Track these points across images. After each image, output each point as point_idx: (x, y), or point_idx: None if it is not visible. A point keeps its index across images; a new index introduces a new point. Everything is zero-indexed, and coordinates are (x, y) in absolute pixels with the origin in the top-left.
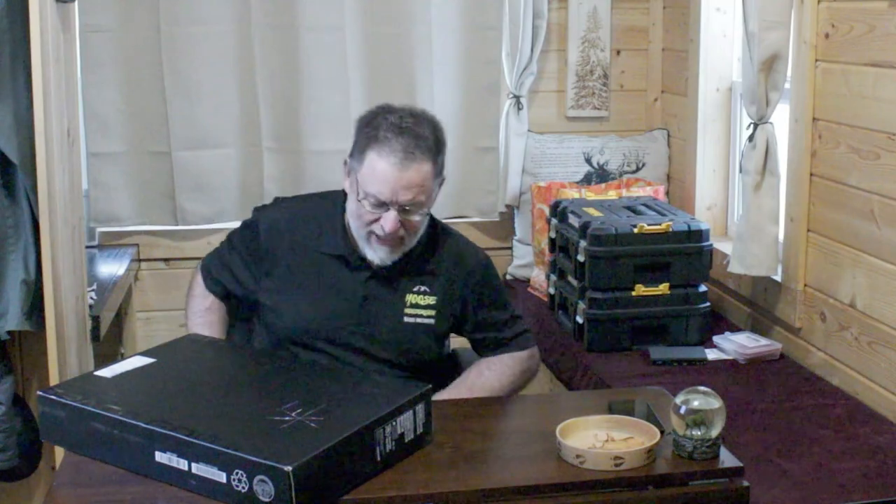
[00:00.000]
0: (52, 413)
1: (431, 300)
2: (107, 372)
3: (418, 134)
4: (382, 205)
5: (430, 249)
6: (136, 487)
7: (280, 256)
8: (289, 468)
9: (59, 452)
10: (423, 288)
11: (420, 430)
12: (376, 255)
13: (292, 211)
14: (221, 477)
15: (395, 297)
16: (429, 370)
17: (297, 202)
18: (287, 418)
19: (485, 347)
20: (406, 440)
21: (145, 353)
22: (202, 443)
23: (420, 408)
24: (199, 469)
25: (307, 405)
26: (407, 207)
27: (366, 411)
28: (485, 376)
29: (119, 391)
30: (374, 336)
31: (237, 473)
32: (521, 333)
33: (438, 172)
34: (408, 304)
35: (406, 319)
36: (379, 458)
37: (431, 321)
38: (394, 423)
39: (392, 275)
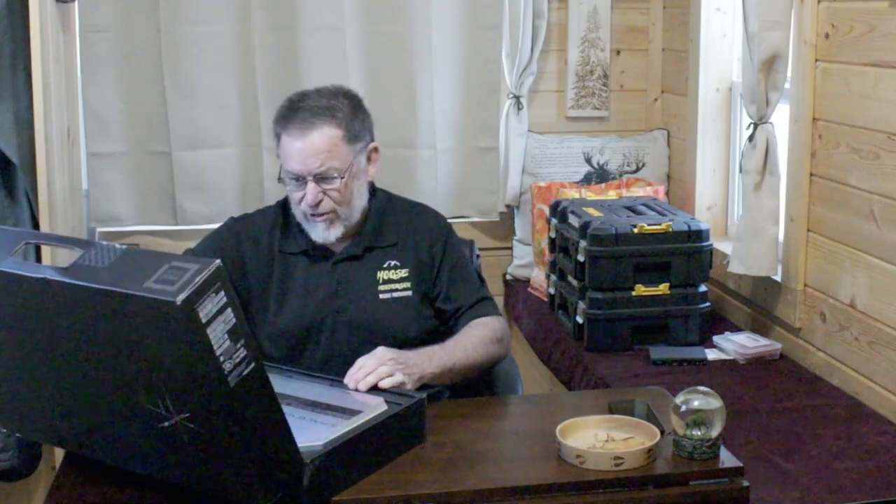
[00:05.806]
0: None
1: (403, 272)
2: None
3: (321, 105)
4: (299, 179)
5: (387, 222)
6: (136, 487)
7: (248, 271)
8: None
9: (59, 452)
10: (392, 262)
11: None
12: (318, 233)
13: (244, 225)
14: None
15: (366, 278)
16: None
17: (246, 218)
18: (166, 422)
19: (459, 317)
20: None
21: None
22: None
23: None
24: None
25: (147, 386)
26: (321, 175)
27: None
28: (473, 332)
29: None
30: (354, 322)
31: None
32: (488, 299)
33: (353, 138)
34: (380, 281)
35: (382, 297)
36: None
37: (408, 293)
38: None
39: (357, 257)
